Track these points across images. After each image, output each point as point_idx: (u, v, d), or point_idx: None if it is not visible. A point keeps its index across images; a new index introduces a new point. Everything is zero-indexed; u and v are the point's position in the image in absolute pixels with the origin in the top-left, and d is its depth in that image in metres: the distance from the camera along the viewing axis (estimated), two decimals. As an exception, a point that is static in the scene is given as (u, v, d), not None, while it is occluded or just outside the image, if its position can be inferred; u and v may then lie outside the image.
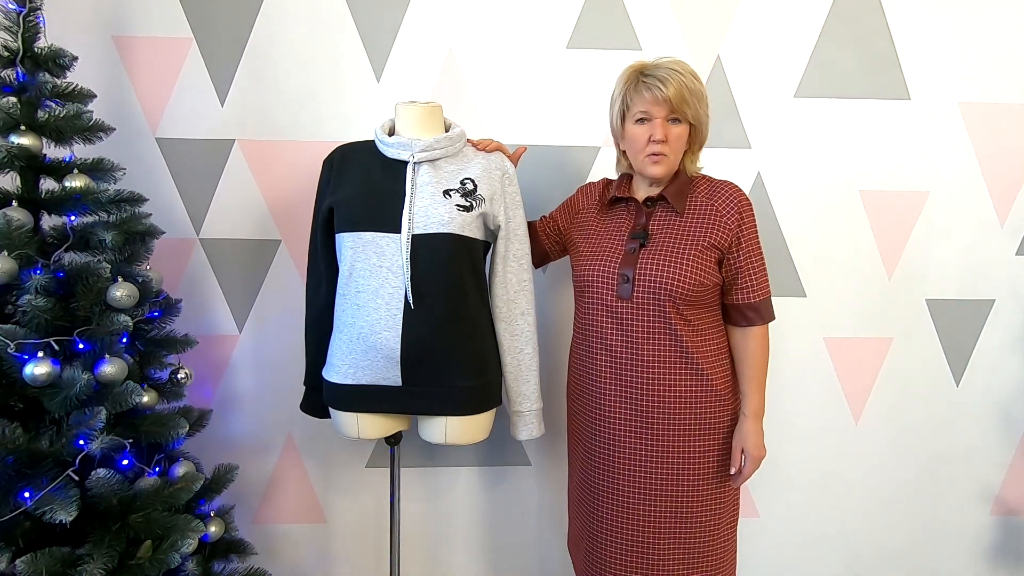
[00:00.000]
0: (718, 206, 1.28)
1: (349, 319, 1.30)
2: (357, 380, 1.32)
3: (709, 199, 1.29)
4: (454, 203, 1.28)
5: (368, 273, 1.27)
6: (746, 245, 1.27)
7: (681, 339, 1.25)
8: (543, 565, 1.91)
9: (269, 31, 1.66)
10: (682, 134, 1.26)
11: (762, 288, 1.29)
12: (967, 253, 1.82)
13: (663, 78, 1.23)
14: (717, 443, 1.30)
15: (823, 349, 1.84)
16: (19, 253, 1.15)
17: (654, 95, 1.22)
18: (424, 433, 1.42)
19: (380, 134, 1.34)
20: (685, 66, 1.25)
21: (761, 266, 1.30)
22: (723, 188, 1.30)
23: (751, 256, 1.28)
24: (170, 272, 1.68)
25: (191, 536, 1.23)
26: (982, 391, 1.88)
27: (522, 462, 1.86)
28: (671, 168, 1.28)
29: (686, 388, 1.27)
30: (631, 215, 1.33)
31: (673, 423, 1.28)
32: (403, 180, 1.28)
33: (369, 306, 1.27)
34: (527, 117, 1.72)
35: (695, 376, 1.27)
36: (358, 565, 1.86)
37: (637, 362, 1.27)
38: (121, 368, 1.19)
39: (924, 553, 1.94)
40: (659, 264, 1.24)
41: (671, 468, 1.29)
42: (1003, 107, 1.78)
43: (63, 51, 1.24)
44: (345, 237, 1.29)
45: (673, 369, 1.26)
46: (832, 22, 1.73)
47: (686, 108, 1.23)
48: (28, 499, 1.07)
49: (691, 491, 1.29)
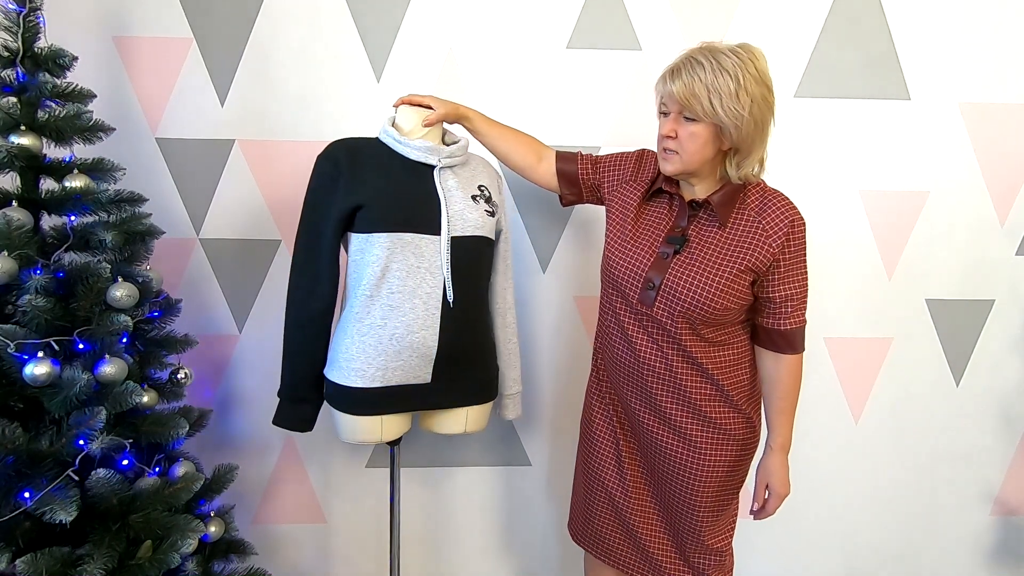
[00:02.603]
0: (766, 224, 1.16)
1: (378, 320, 1.28)
2: (386, 382, 1.30)
3: (758, 214, 1.17)
4: (483, 208, 1.36)
5: (405, 274, 1.27)
6: (787, 268, 1.17)
7: (691, 352, 1.21)
8: (543, 564, 1.91)
9: (269, 31, 1.66)
10: (697, 133, 1.12)
11: (796, 317, 1.20)
12: (967, 253, 1.82)
13: (676, 68, 1.12)
14: (730, 452, 1.26)
15: (823, 349, 1.84)
16: (19, 253, 1.15)
17: (666, 87, 1.14)
18: (442, 427, 1.44)
19: (397, 135, 1.33)
20: (726, 57, 1.09)
21: (801, 294, 1.19)
22: (775, 203, 1.18)
23: (791, 281, 1.18)
24: (170, 272, 1.68)
25: (191, 536, 1.24)
26: (982, 391, 1.88)
27: (522, 462, 1.86)
28: (685, 168, 1.17)
29: (700, 394, 1.24)
30: (673, 213, 1.24)
31: (686, 425, 1.25)
32: (431, 183, 1.31)
33: (405, 306, 1.27)
34: (527, 117, 1.72)
35: (709, 384, 1.24)
36: (358, 565, 1.86)
37: (653, 361, 1.24)
38: (121, 368, 1.19)
39: (924, 553, 1.94)
40: (689, 280, 1.16)
41: (680, 467, 1.27)
42: (1003, 107, 1.78)
43: (63, 51, 1.24)
44: (379, 237, 1.26)
45: (686, 375, 1.23)
46: (832, 22, 1.73)
47: (696, 105, 1.09)
48: (28, 499, 1.07)
49: (694, 493, 1.28)
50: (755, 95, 1.09)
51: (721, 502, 1.30)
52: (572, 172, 1.39)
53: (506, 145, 1.42)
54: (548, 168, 1.41)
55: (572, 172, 1.39)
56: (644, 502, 1.35)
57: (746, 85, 1.08)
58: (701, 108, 1.10)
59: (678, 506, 1.30)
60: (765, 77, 1.12)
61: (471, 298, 1.35)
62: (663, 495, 1.33)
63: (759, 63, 1.11)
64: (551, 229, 1.77)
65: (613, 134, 1.73)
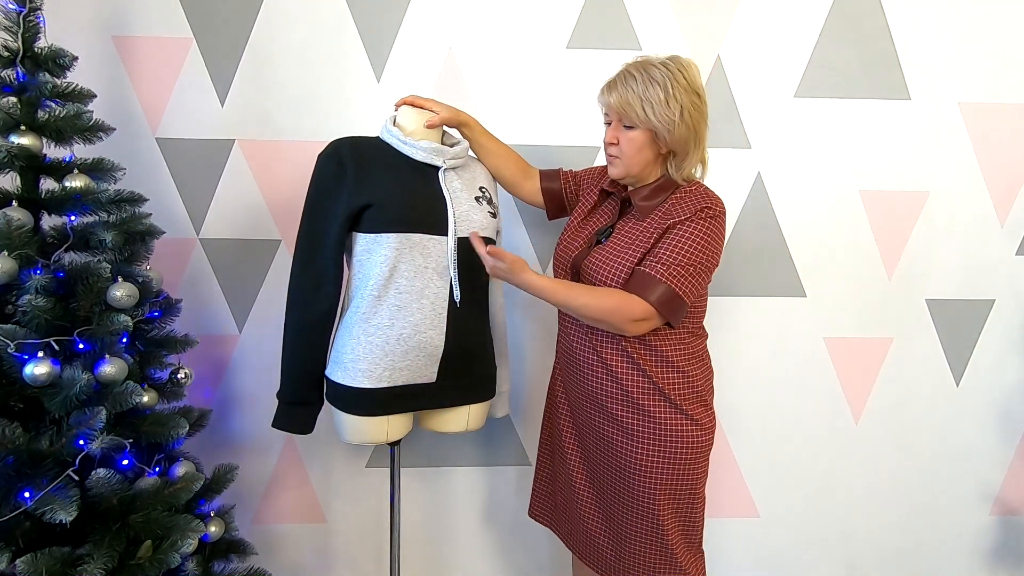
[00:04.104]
0: (676, 211, 1.22)
1: (385, 320, 1.28)
2: (393, 382, 1.30)
3: (674, 205, 1.23)
4: (486, 209, 1.38)
5: (412, 274, 1.27)
6: (676, 232, 1.20)
7: (622, 344, 1.26)
8: (543, 564, 1.91)
9: (269, 31, 1.66)
10: (635, 139, 1.22)
11: (673, 274, 1.17)
12: (967, 253, 1.82)
13: (612, 82, 1.23)
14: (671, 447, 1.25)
15: (823, 349, 1.84)
16: (19, 253, 1.15)
17: (604, 99, 1.25)
18: (444, 425, 1.44)
19: (402, 135, 1.33)
20: (656, 69, 1.19)
21: (684, 256, 1.18)
22: (692, 195, 1.24)
23: (679, 239, 1.19)
24: (170, 272, 1.68)
25: (191, 536, 1.23)
26: (982, 391, 1.88)
27: (522, 462, 1.86)
28: (627, 172, 1.26)
29: (635, 387, 1.26)
30: (610, 211, 1.36)
31: (624, 416, 1.27)
32: (437, 184, 1.33)
33: (412, 307, 1.28)
34: (527, 117, 1.72)
35: (642, 378, 1.26)
36: (358, 565, 1.86)
37: (586, 352, 1.31)
38: (121, 368, 1.19)
39: (924, 553, 1.94)
40: (600, 264, 1.25)
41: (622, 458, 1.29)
42: (1003, 107, 1.78)
43: (63, 51, 1.24)
44: (388, 238, 1.26)
45: (619, 367, 1.27)
46: (832, 22, 1.73)
47: (631, 113, 1.19)
48: (28, 499, 1.07)
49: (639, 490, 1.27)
50: (684, 102, 1.19)
51: (658, 499, 1.27)
52: (556, 188, 1.48)
53: (497, 159, 1.49)
54: (534, 186, 1.50)
55: (556, 188, 1.48)
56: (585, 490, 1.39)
57: (675, 93, 1.18)
58: (636, 116, 1.20)
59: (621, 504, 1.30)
60: (694, 85, 1.22)
61: (475, 298, 1.37)
62: (601, 485, 1.35)
63: (688, 72, 1.21)
64: (551, 229, 1.77)
65: (613, 134, 1.73)
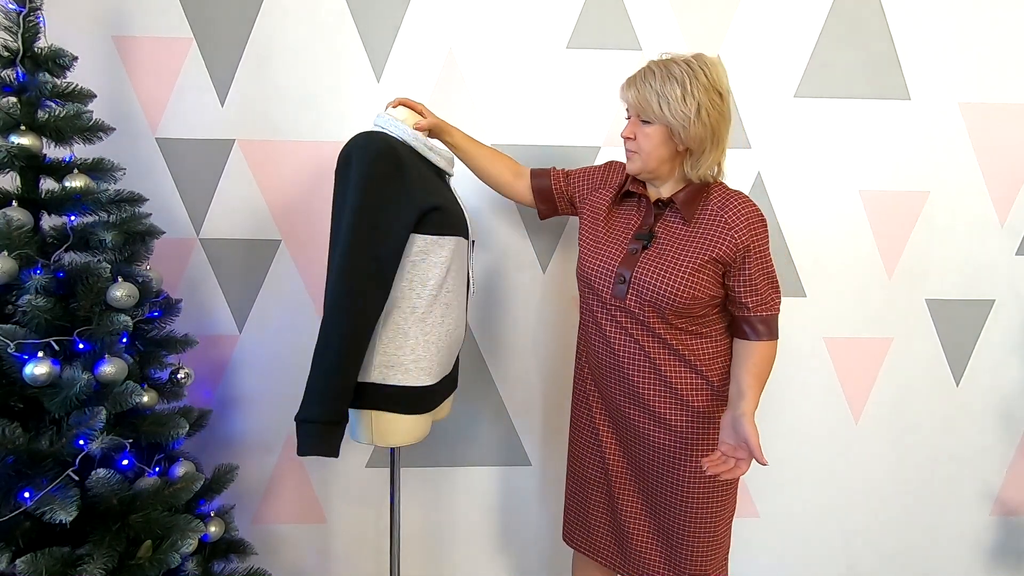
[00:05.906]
0: (728, 218, 1.23)
1: (438, 319, 1.32)
2: (441, 376, 1.38)
3: (721, 209, 1.24)
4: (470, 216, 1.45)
5: (456, 274, 1.35)
6: (755, 258, 1.23)
7: (670, 343, 1.26)
8: (543, 564, 1.91)
9: (269, 31, 1.66)
10: (652, 135, 1.22)
11: (769, 303, 1.26)
12: (967, 253, 1.82)
13: (632, 78, 1.24)
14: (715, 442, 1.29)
15: (823, 349, 1.84)
16: (19, 253, 1.15)
17: (625, 95, 1.25)
18: (438, 415, 1.47)
19: (423, 138, 1.35)
20: (676, 66, 1.19)
21: (769, 282, 1.26)
22: (735, 200, 1.25)
23: (759, 271, 1.24)
24: (170, 272, 1.68)
25: (191, 536, 1.24)
26: (982, 391, 1.88)
27: (522, 462, 1.86)
28: (644, 166, 1.26)
29: (680, 381, 1.27)
30: (640, 214, 1.32)
31: (668, 413, 1.28)
32: (450, 188, 1.41)
33: (454, 304, 1.36)
34: (527, 117, 1.72)
35: (690, 371, 1.27)
36: (358, 565, 1.86)
37: (630, 352, 1.29)
38: (121, 368, 1.19)
39: (924, 553, 1.94)
40: (656, 271, 1.23)
41: (666, 458, 1.30)
42: (1003, 107, 1.78)
43: (63, 51, 1.24)
44: (448, 240, 1.29)
45: (664, 361, 1.27)
46: (832, 22, 1.73)
47: (647, 108, 1.20)
48: (28, 499, 1.07)
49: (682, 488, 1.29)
50: (702, 100, 1.18)
51: (713, 500, 1.30)
52: (546, 187, 1.47)
53: (484, 162, 1.49)
54: (524, 184, 1.49)
55: (546, 187, 1.47)
56: (632, 500, 1.37)
57: (692, 90, 1.18)
58: (652, 111, 1.20)
59: (666, 503, 1.32)
60: (716, 84, 1.20)
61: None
62: (650, 492, 1.34)
63: (711, 70, 1.20)
64: (551, 229, 1.78)
65: (613, 134, 1.73)
